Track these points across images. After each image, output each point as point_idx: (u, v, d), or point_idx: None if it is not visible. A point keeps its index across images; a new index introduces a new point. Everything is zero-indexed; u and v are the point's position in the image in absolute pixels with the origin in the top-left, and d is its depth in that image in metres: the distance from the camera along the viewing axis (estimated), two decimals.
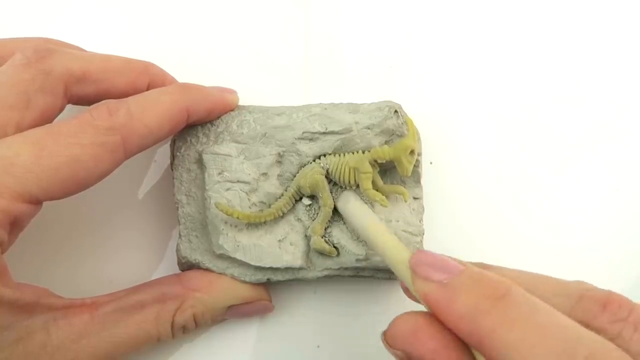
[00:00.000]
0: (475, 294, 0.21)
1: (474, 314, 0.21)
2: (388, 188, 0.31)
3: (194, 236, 0.32)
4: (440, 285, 0.22)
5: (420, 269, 0.23)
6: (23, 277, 0.27)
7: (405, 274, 0.25)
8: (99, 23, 0.36)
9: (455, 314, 0.21)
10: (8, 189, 0.24)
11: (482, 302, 0.21)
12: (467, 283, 0.22)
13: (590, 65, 0.36)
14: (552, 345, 0.19)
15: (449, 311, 0.22)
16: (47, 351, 0.26)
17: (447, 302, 0.22)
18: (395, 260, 0.26)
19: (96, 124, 0.26)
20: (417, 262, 0.24)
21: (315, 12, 0.37)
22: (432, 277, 0.23)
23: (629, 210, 0.35)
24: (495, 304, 0.21)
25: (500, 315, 0.20)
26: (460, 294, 0.22)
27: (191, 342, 0.33)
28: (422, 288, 0.23)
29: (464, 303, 0.21)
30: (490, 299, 0.21)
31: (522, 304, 0.21)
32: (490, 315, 0.21)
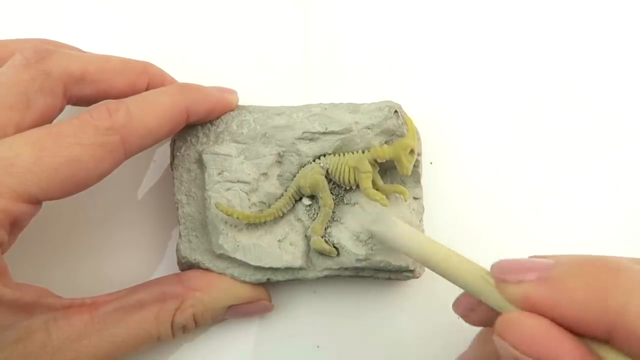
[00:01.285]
0: (588, 276, 0.20)
1: (595, 295, 0.19)
2: (388, 187, 0.31)
3: (194, 236, 0.32)
4: (540, 281, 0.21)
5: (508, 274, 0.22)
6: (23, 277, 0.27)
7: (484, 287, 0.23)
8: (99, 23, 0.36)
9: (572, 304, 0.20)
10: (8, 189, 0.24)
11: (600, 281, 0.19)
12: (571, 268, 0.20)
13: (590, 66, 0.36)
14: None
15: (563, 303, 0.20)
16: (47, 351, 0.26)
17: (557, 296, 0.20)
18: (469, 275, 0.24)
19: (96, 124, 0.26)
20: (501, 270, 0.22)
21: (315, 12, 0.37)
22: (527, 278, 0.21)
23: (629, 210, 0.35)
24: (615, 278, 0.19)
25: (627, 288, 0.19)
26: (569, 280, 0.20)
27: (191, 342, 0.33)
28: (518, 292, 0.21)
29: (578, 289, 0.20)
30: (608, 274, 0.19)
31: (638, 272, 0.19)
32: (615, 290, 0.19)
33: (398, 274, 0.32)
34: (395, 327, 0.34)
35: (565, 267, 0.21)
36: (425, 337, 0.33)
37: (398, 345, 0.33)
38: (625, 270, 0.19)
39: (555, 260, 0.21)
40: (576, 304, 0.20)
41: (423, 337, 0.33)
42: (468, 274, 0.24)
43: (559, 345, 0.20)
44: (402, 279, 0.32)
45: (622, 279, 0.19)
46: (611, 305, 0.19)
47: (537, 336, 0.20)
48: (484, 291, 0.23)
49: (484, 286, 0.23)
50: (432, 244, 0.26)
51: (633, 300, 0.18)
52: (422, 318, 0.34)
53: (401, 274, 0.32)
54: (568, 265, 0.21)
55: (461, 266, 0.24)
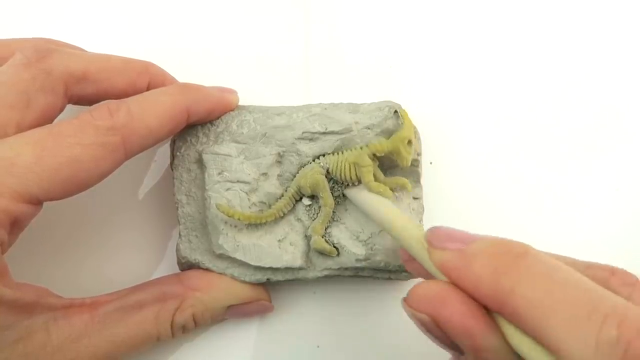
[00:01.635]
0: (493, 256, 0.21)
1: (494, 274, 0.21)
2: (389, 180, 0.31)
3: (194, 236, 0.32)
4: (457, 252, 0.23)
5: (437, 240, 0.24)
6: (23, 277, 0.27)
7: (419, 249, 0.25)
8: (99, 23, 0.36)
9: (475, 278, 0.21)
10: (9, 189, 0.24)
11: (500, 262, 0.21)
12: (484, 247, 0.22)
13: (590, 66, 0.36)
14: (574, 300, 0.19)
15: (468, 275, 0.22)
16: (47, 351, 0.26)
17: (466, 267, 0.22)
18: (409, 236, 0.26)
19: (97, 124, 0.26)
20: (433, 235, 0.24)
21: (315, 12, 0.37)
22: (449, 247, 0.23)
23: (629, 210, 0.35)
24: (514, 262, 0.21)
25: (520, 274, 0.20)
26: (478, 257, 0.22)
27: (191, 342, 0.33)
28: (440, 257, 0.23)
29: (482, 265, 0.21)
30: (508, 258, 0.21)
31: (541, 262, 0.21)
32: (510, 274, 0.21)
33: (398, 274, 0.32)
34: (395, 327, 0.34)
35: (480, 244, 0.22)
36: (425, 337, 0.33)
37: (398, 345, 0.33)
38: (526, 257, 0.21)
39: (482, 236, 0.23)
40: (477, 279, 0.21)
41: (423, 337, 0.33)
42: (410, 237, 0.26)
43: (450, 306, 0.22)
44: (402, 279, 0.32)
45: (518, 265, 0.21)
46: (502, 286, 0.20)
47: (431, 295, 0.22)
48: (420, 255, 0.25)
49: (421, 250, 0.25)
50: (386, 208, 0.28)
51: (519, 285, 0.20)
52: None
53: (401, 274, 0.32)
54: (483, 242, 0.22)
55: (405, 228, 0.27)
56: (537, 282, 0.20)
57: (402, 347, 0.33)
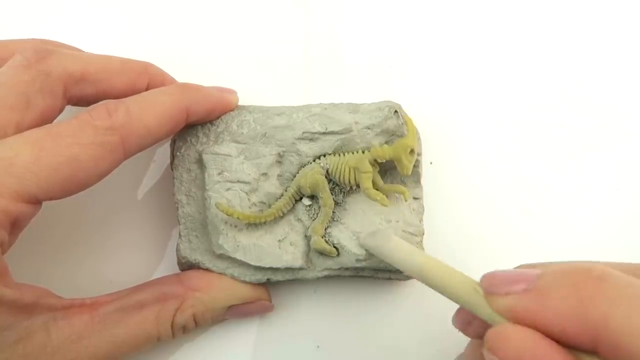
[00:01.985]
0: (569, 285, 0.19)
1: (578, 305, 0.19)
2: (388, 187, 0.31)
3: (194, 236, 0.32)
4: (526, 292, 0.20)
5: (495, 287, 0.21)
6: (23, 278, 0.27)
7: (475, 300, 0.23)
8: (99, 23, 0.36)
9: (556, 316, 0.19)
10: (8, 189, 0.24)
11: (582, 290, 0.19)
12: (555, 278, 0.20)
13: (590, 66, 0.36)
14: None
15: (547, 316, 0.19)
16: (47, 351, 0.26)
17: (542, 306, 0.20)
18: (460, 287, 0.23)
19: (95, 124, 0.26)
20: (489, 282, 0.22)
21: (315, 12, 0.37)
22: (514, 289, 0.21)
23: (629, 211, 0.35)
24: (598, 287, 0.19)
25: (610, 298, 0.18)
26: (554, 291, 0.20)
27: (191, 342, 0.33)
28: (505, 304, 0.21)
29: (561, 299, 0.19)
30: (590, 284, 0.19)
31: (625, 283, 0.19)
32: (598, 300, 0.18)
33: (398, 274, 0.32)
34: (395, 327, 0.34)
35: (550, 277, 0.20)
36: (425, 337, 0.33)
37: (398, 345, 0.33)
38: (608, 278, 0.19)
39: (542, 270, 0.21)
40: (560, 315, 0.19)
41: (423, 337, 0.33)
42: (459, 286, 0.23)
43: (546, 355, 0.19)
44: (402, 279, 0.32)
45: (604, 289, 0.19)
46: (593, 316, 0.18)
47: (525, 349, 0.20)
48: (475, 304, 0.23)
49: (475, 299, 0.22)
50: (424, 258, 0.26)
51: (615, 310, 0.18)
52: (422, 318, 0.34)
53: (401, 274, 0.32)
54: (553, 274, 0.20)
55: (453, 279, 0.24)
56: (634, 305, 0.18)
57: (402, 347, 0.33)
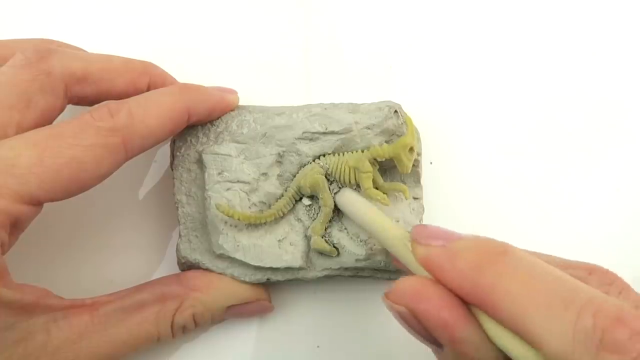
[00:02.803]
0: (475, 253, 0.22)
1: (475, 270, 0.22)
2: (388, 186, 0.31)
3: (194, 236, 0.32)
4: (441, 248, 0.23)
5: (421, 237, 0.24)
6: (23, 278, 0.27)
7: (402, 248, 0.26)
8: (99, 23, 0.36)
9: (457, 273, 0.22)
10: (9, 189, 0.24)
11: (482, 259, 0.22)
12: (467, 244, 0.23)
13: (590, 66, 0.36)
14: (551, 293, 0.20)
15: (450, 271, 0.22)
16: (47, 352, 0.26)
17: (448, 263, 0.22)
18: (393, 236, 0.27)
19: (97, 125, 0.26)
20: (418, 232, 0.25)
21: (315, 12, 0.37)
22: (433, 242, 0.24)
23: (629, 211, 0.35)
24: (494, 260, 0.22)
25: (500, 270, 0.21)
26: (461, 254, 0.22)
27: (191, 342, 0.33)
28: (423, 253, 0.24)
29: (464, 262, 0.22)
30: (489, 256, 0.22)
31: (520, 259, 0.22)
32: (490, 270, 0.21)
33: (398, 274, 0.32)
34: (395, 327, 0.33)
35: (464, 242, 0.23)
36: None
37: (398, 345, 0.33)
38: (508, 253, 0.22)
39: (463, 236, 0.24)
40: (460, 275, 0.22)
41: None
42: (394, 238, 0.26)
43: (428, 299, 0.22)
44: None
45: (499, 262, 0.22)
46: (484, 281, 0.21)
47: (410, 289, 0.23)
48: (402, 253, 0.26)
49: (403, 249, 0.26)
50: (368, 209, 0.29)
51: (500, 281, 0.21)
52: None
53: (401, 274, 0.32)
54: (468, 241, 0.23)
55: (389, 229, 0.27)
56: (517, 277, 0.21)
57: (402, 347, 0.33)
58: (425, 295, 0.22)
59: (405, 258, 0.25)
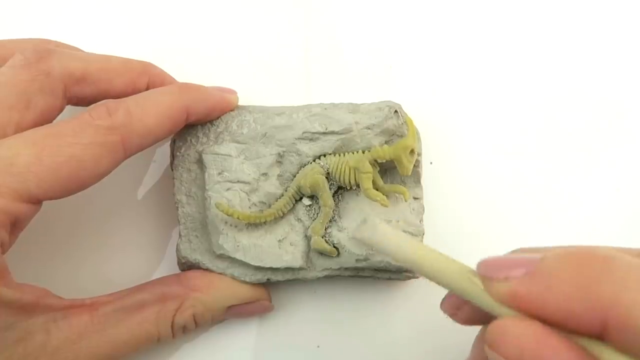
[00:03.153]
0: (574, 266, 0.19)
1: (586, 286, 0.18)
2: (388, 187, 0.31)
3: (194, 236, 0.32)
4: (527, 276, 0.20)
5: (495, 271, 0.21)
6: (23, 278, 0.27)
7: (471, 287, 0.22)
8: (99, 23, 0.36)
9: (561, 297, 0.18)
10: (8, 188, 0.24)
11: (588, 270, 0.18)
12: (558, 260, 0.19)
13: (590, 66, 0.36)
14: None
15: (552, 296, 0.19)
16: (47, 352, 0.26)
17: (545, 290, 0.19)
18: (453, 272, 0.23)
19: (96, 123, 0.26)
20: (488, 267, 0.21)
21: (315, 12, 0.37)
22: (513, 274, 0.20)
23: (629, 211, 0.35)
24: (605, 267, 0.18)
25: (619, 277, 0.18)
26: (557, 273, 0.19)
27: (191, 342, 0.33)
28: (505, 289, 0.20)
29: (567, 280, 0.19)
30: (597, 264, 0.18)
31: (631, 263, 0.18)
32: (607, 280, 0.18)
33: (398, 274, 0.32)
34: (395, 327, 0.34)
35: (552, 260, 0.19)
36: (425, 337, 0.33)
37: (398, 345, 0.33)
38: (615, 258, 0.18)
39: (542, 254, 0.20)
40: (565, 297, 0.18)
41: (423, 337, 0.33)
42: (453, 274, 0.22)
43: (551, 351, 0.18)
44: (402, 279, 0.32)
45: (613, 267, 0.18)
46: (602, 295, 0.18)
47: (527, 345, 0.19)
48: (470, 291, 0.22)
49: (470, 286, 0.22)
50: (415, 245, 0.24)
51: (625, 288, 0.17)
52: (421, 318, 0.34)
53: (401, 274, 0.32)
54: (555, 257, 0.20)
55: (446, 266, 0.23)
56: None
57: (402, 347, 0.33)
58: (545, 342, 0.19)
59: (478, 298, 0.21)
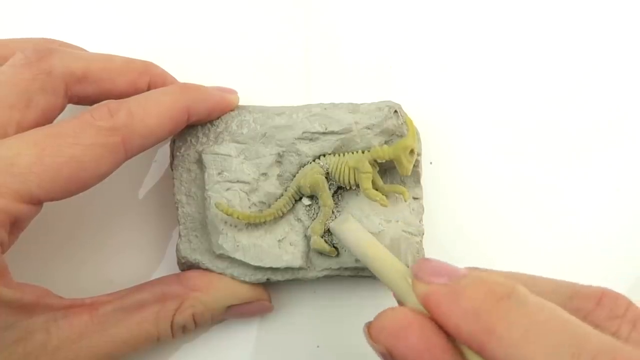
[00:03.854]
0: (479, 293, 0.21)
1: (477, 312, 0.20)
2: (388, 188, 0.31)
3: (194, 236, 0.32)
4: (444, 286, 0.22)
5: (423, 273, 0.23)
6: (23, 277, 0.27)
7: (403, 286, 0.24)
8: (99, 23, 0.36)
9: (457, 314, 0.21)
10: (9, 189, 0.24)
11: (485, 300, 0.20)
12: (472, 283, 0.21)
13: (590, 66, 0.36)
14: (556, 341, 0.19)
15: (451, 311, 0.21)
16: (47, 351, 0.26)
17: (449, 302, 0.21)
18: (395, 271, 0.25)
19: (97, 124, 0.26)
20: (420, 268, 0.23)
21: (315, 12, 0.37)
22: (435, 281, 0.22)
23: (629, 211, 0.35)
24: (498, 302, 0.20)
25: (503, 313, 0.20)
26: (464, 293, 0.21)
27: (191, 342, 0.33)
28: (424, 290, 0.22)
29: (467, 302, 0.21)
30: (494, 297, 0.20)
31: (526, 302, 0.20)
32: (493, 313, 0.20)
33: None
34: None
35: (469, 280, 0.21)
36: None
37: None
38: (514, 295, 0.20)
39: (469, 271, 0.22)
40: (460, 316, 0.21)
41: None
42: (394, 273, 0.25)
43: (408, 341, 0.21)
44: None
45: (503, 305, 0.20)
46: (482, 325, 0.20)
47: (390, 326, 0.21)
48: (403, 289, 0.24)
49: (404, 285, 0.24)
50: (371, 244, 0.27)
51: (500, 326, 0.20)
52: None
53: None
54: (473, 279, 0.21)
55: (390, 265, 0.25)
56: (520, 323, 0.19)
57: None
58: (408, 335, 0.21)
59: (405, 296, 0.24)
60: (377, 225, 0.31)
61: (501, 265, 0.25)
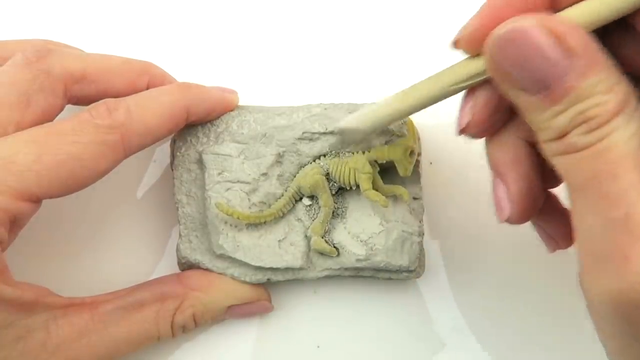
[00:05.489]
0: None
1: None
2: (388, 188, 0.31)
3: (194, 236, 0.32)
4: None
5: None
6: (23, 276, 0.27)
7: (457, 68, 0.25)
8: (99, 23, 0.36)
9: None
10: (8, 187, 0.24)
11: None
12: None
13: None
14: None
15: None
16: (47, 350, 0.26)
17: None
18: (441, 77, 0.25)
19: (96, 122, 0.26)
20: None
21: (315, 12, 0.37)
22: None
23: None
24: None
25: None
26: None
27: (191, 342, 0.33)
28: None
29: None
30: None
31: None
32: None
33: (398, 274, 0.32)
34: (395, 327, 0.34)
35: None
36: (425, 337, 0.33)
37: (398, 345, 0.33)
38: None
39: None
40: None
41: (423, 337, 0.33)
42: (441, 77, 0.25)
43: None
44: (402, 278, 0.32)
45: None
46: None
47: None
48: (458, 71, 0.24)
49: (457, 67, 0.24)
50: (392, 97, 0.26)
51: None
52: (422, 318, 0.34)
53: (401, 274, 0.32)
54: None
55: (425, 87, 0.25)
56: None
57: (402, 347, 0.33)
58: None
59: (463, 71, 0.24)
60: (377, 225, 0.31)
61: (501, 265, 0.25)
